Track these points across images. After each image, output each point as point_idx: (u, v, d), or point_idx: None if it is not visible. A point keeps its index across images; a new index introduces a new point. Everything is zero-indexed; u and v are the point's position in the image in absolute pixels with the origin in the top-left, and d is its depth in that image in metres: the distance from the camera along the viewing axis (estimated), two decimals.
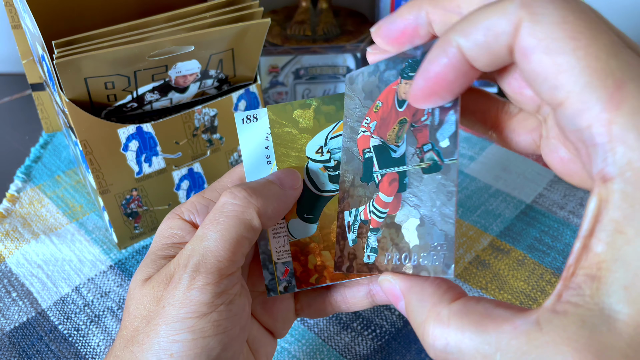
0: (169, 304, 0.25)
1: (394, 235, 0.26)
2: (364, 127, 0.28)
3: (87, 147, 0.43)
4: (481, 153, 0.59)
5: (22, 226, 0.52)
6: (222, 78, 0.47)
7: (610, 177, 0.17)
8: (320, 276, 0.30)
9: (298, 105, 0.30)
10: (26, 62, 0.50)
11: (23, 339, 0.43)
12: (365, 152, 0.28)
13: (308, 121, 0.30)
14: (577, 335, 0.17)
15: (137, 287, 0.28)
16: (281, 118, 0.31)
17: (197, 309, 0.25)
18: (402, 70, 0.26)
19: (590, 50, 0.17)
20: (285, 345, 0.42)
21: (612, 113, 0.17)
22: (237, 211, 0.27)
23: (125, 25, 0.41)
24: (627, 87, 0.17)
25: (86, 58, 0.38)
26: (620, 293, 0.17)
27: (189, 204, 0.30)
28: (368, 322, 0.43)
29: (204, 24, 0.42)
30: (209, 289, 0.25)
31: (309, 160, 0.30)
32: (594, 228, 0.18)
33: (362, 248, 0.28)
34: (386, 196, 0.27)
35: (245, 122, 0.31)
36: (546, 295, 0.45)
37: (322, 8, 0.66)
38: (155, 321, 0.26)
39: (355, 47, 0.63)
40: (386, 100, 0.27)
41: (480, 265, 0.47)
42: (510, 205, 0.53)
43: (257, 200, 0.27)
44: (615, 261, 0.17)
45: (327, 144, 0.30)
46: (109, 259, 0.49)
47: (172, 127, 0.46)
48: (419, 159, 0.25)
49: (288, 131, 0.31)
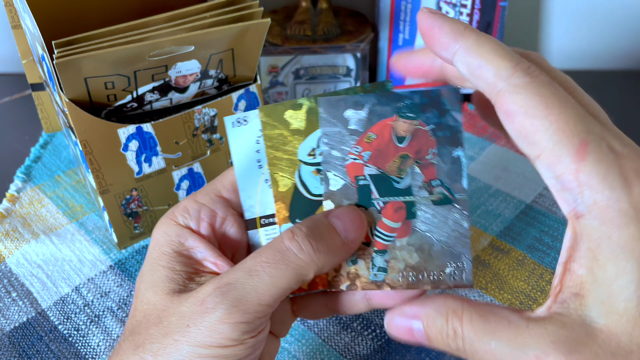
0: (195, 325, 0.25)
1: (407, 257, 0.29)
2: (354, 155, 0.29)
3: (87, 147, 0.43)
4: (481, 153, 0.59)
5: (22, 226, 0.52)
6: (222, 78, 0.47)
7: (581, 214, 0.22)
8: (312, 282, 0.30)
9: (290, 105, 0.29)
10: (26, 62, 0.50)
11: (23, 339, 0.43)
12: (359, 179, 0.29)
13: (300, 122, 0.29)
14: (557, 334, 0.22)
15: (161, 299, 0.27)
16: (273, 119, 0.29)
17: (224, 342, 0.25)
18: (399, 109, 0.28)
19: (560, 117, 0.22)
20: (285, 345, 0.42)
21: (579, 164, 0.21)
22: (298, 265, 0.26)
23: (125, 25, 0.41)
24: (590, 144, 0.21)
25: (86, 58, 0.38)
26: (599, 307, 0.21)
27: (181, 209, 0.30)
28: (368, 322, 0.43)
29: (204, 24, 0.42)
30: (242, 327, 0.25)
31: (301, 164, 0.30)
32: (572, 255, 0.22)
33: (367, 268, 0.29)
34: (392, 222, 0.29)
35: (235, 126, 0.30)
36: (546, 295, 0.45)
37: (322, 8, 0.66)
38: (175, 336, 0.26)
39: (355, 47, 0.63)
40: (381, 133, 0.29)
41: (480, 265, 0.47)
42: (510, 205, 0.53)
43: (319, 260, 0.27)
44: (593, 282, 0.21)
45: (320, 146, 0.30)
46: (109, 259, 0.49)
47: (172, 127, 0.46)
48: (428, 192, 0.28)
49: (279, 133, 0.30)
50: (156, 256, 0.29)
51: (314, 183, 0.30)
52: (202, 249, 0.29)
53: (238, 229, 0.31)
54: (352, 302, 0.31)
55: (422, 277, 0.29)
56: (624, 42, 0.74)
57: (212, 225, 0.30)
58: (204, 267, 0.29)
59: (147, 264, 0.29)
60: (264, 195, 0.30)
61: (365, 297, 0.31)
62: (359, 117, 0.29)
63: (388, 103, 0.28)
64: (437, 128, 0.28)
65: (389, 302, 0.30)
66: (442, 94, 0.28)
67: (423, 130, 0.28)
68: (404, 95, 0.28)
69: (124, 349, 0.27)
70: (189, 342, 0.25)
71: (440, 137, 0.28)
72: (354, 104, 0.29)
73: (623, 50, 0.75)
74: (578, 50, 0.75)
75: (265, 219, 0.30)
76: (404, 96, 0.28)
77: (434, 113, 0.28)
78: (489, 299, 0.45)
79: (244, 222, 0.31)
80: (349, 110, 0.29)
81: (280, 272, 0.26)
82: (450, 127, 0.28)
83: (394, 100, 0.28)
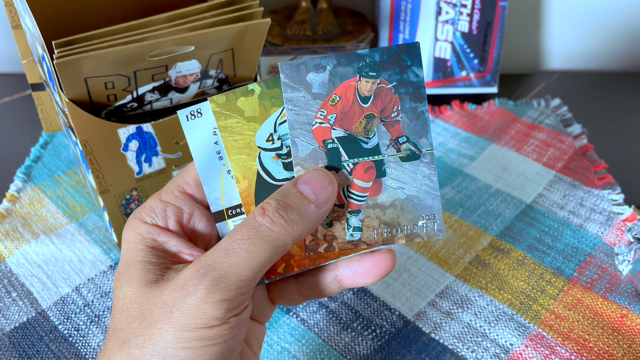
0: (178, 310, 0.25)
1: (380, 214, 0.29)
2: (320, 119, 0.29)
3: (87, 147, 0.43)
4: (481, 153, 0.59)
5: (22, 226, 0.52)
6: (222, 78, 0.47)
7: None
8: (287, 265, 0.30)
9: (241, 92, 0.29)
10: (26, 62, 0.50)
11: (23, 339, 0.43)
12: (327, 143, 0.29)
13: (254, 108, 0.29)
14: None
15: (139, 291, 0.27)
16: (225, 109, 0.29)
17: (209, 322, 0.25)
18: (361, 69, 0.28)
19: None
20: (285, 345, 0.42)
21: None
22: (273, 237, 0.26)
23: (125, 25, 0.41)
24: None
25: (86, 58, 0.38)
26: None
27: (147, 209, 0.30)
28: (368, 322, 0.43)
29: (204, 24, 0.42)
30: (224, 305, 0.25)
31: (261, 150, 0.29)
32: None
33: (343, 229, 0.30)
34: (363, 182, 0.29)
35: (189, 119, 0.29)
36: (546, 295, 0.45)
37: (322, 8, 0.66)
38: (159, 325, 0.25)
39: (355, 47, 0.63)
40: (345, 94, 0.29)
41: (480, 265, 0.47)
42: (510, 205, 0.53)
43: (294, 230, 0.27)
44: None
45: (277, 130, 0.29)
46: (109, 259, 0.49)
47: (172, 127, 0.46)
48: (395, 150, 0.29)
49: (235, 122, 0.29)
50: (130, 254, 0.29)
51: (276, 168, 0.30)
52: (175, 242, 0.29)
53: (206, 222, 0.31)
54: (324, 284, 0.32)
55: (396, 232, 0.29)
56: (624, 43, 0.74)
57: (179, 222, 0.30)
58: (180, 258, 0.29)
59: (121, 264, 0.29)
60: (228, 187, 0.30)
61: (336, 279, 0.31)
62: (321, 80, 0.29)
63: (349, 63, 0.28)
64: (399, 85, 0.29)
65: (359, 281, 0.31)
66: (402, 50, 0.28)
67: (386, 89, 0.29)
68: (364, 55, 0.28)
69: (109, 348, 0.27)
70: (174, 328, 0.25)
71: (403, 93, 0.29)
72: (315, 67, 0.28)
73: (623, 51, 0.75)
74: (578, 51, 0.75)
75: (232, 209, 0.30)
76: (365, 55, 0.28)
77: (395, 70, 0.28)
78: (489, 299, 0.45)
79: (211, 216, 0.31)
80: (311, 74, 0.29)
81: (257, 247, 0.26)
82: (412, 82, 0.29)
83: (355, 60, 0.28)
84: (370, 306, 0.44)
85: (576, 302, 0.44)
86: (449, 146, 0.60)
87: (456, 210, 0.53)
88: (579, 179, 0.56)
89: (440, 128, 0.63)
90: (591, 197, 0.53)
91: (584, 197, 0.53)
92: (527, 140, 0.61)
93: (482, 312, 0.44)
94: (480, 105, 0.66)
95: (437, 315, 0.44)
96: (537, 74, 0.73)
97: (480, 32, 0.64)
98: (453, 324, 0.43)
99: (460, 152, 0.60)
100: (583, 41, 0.74)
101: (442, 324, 0.43)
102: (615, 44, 0.74)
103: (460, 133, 0.62)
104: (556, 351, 0.41)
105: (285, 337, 0.42)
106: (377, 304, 0.45)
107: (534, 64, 0.77)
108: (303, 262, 0.30)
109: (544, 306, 0.44)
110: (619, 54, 0.75)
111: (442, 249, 0.49)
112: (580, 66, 0.76)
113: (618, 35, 0.73)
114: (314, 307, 0.45)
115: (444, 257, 0.48)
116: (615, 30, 0.73)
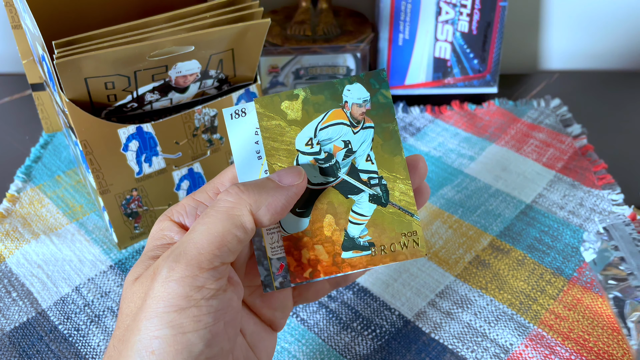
0: (150, 297, 0.25)
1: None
2: None
3: (87, 147, 0.43)
4: (481, 153, 0.59)
5: (22, 226, 0.52)
6: (222, 78, 0.47)
7: None
8: (314, 270, 0.30)
9: (286, 96, 0.30)
10: (26, 62, 0.50)
11: (23, 339, 0.43)
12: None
13: (296, 112, 0.30)
14: None
15: (128, 287, 0.28)
16: (269, 110, 0.30)
17: (175, 302, 0.25)
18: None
19: None
20: (285, 345, 0.42)
21: None
22: (227, 207, 0.27)
23: (125, 25, 0.41)
24: None
25: (86, 58, 0.38)
26: None
27: (179, 206, 0.30)
28: (368, 322, 0.43)
29: (204, 24, 0.42)
30: (187, 281, 0.25)
31: (299, 153, 0.30)
32: None
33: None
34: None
35: (234, 117, 0.30)
36: (546, 295, 0.45)
37: (322, 8, 0.66)
38: (139, 316, 0.25)
39: (355, 47, 0.63)
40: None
41: (480, 265, 0.47)
42: (510, 205, 0.53)
43: (249, 197, 0.27)
44: None
45: (317, 135, 0.30)
46: (109, 259, 0.49)
47: (172, 127, 0.46)
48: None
49: (277, 124, 0.30)
50: (147, 249, 0.29)
51: (312, 172, 0.30)
52: None
53: None
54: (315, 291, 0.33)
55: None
56: (624, 43, 0.74)
57: None
58: None
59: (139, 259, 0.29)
60: None
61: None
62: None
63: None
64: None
65: None
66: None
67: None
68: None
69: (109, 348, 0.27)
70: (147, 317, 0.25)
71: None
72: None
73: (623, 51, 0.75)
74: (578, 51, 0.75)
75: None
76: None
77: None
78: (489, 299, 0.45)
79: None
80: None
81: (212, 219, 0.26)
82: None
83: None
84: (370, 306, 0.44)
85: (576, 302, 0.44)
86: (448, 146, 0.60)
87: (456, 210, 0.53)
88: (579, 179, 0.56)
89: (440, 128, 0.63)
90: (591, 197, 0.53)
91: (584, 197, 0.53)
92: (527, 141, 0.61)
93: (482, 312, 0.44)
94: (480, 105, 0.66)
95: (437, 315, 0.44)
96: (536, 74, 0.73)
97: (480, 32, 0.64)
98: (453, 324, 0.43)
99: (460, 152, 0.60)
100: (583, 41, 0.74)
101: (442, 324, 0.43)
102: (615, 44, 0.74)
103: (460, 133, 0.62)
104: (556, 351, 0.41)
105: (285, 337, 0.42)
106: (377, 303, 0.45)
107: (534, 64, 0.77)
108: (330, 269, 0.30)
109: (544, 306, 0.44)
110: (618, 54, 0.75)
111: (442, 249, 0.49)
112: (580, 66, 0.76)
113: (618, 35, 0.73)
114: (314, 307, 0.45)
115: (444, 257, 0.48)
116: (615, 30, 0.73)
